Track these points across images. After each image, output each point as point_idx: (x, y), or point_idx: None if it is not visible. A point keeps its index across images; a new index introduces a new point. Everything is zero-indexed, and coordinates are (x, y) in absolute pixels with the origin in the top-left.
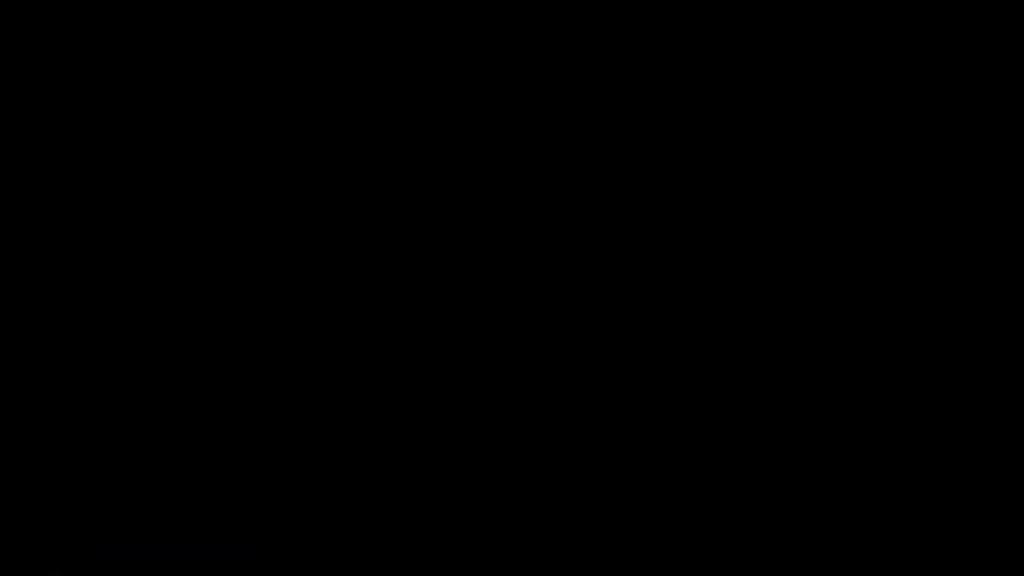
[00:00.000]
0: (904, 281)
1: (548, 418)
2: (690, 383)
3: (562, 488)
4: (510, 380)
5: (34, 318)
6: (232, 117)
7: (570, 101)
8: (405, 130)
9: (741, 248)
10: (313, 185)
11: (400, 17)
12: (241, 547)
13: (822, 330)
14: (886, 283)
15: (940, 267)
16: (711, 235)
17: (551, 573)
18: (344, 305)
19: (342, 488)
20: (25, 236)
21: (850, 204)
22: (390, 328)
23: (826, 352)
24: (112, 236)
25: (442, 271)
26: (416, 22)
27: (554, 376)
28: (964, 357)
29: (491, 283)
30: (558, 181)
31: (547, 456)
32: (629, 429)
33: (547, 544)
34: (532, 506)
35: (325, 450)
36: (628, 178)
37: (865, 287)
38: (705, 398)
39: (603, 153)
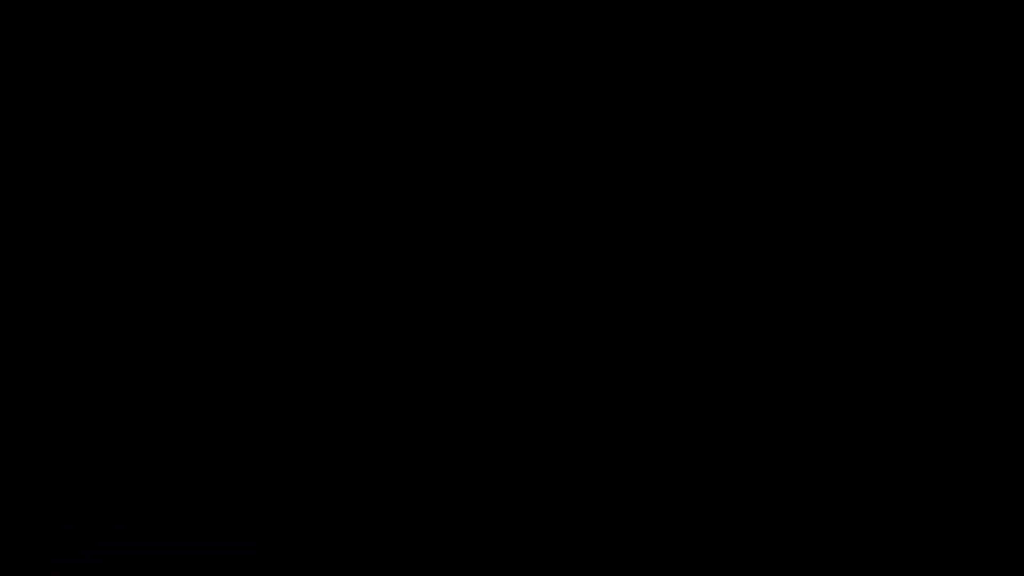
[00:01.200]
0: (904, 281)
1: (548, 418)
2: (690, 383)
3: (562, 488)
4: (510, 380)
5: (34, 318)
6: (232, 117)
7: (570, 101)
8: (405, 130)
9: (741, 248)
10: (313, 185)
11: (400, 17)
12: (241, 547)
13: (822, 330)
14: (886, 283)
15: (940, 267)
16: (711, 235)
17: (551, 573)
18: (344, 305)
19: (342, 488)
20: (25, 236)
21: (850, 204)
22: (390, 328)
23: (826, 352)
24: (112, 236)
25: (442, 271)
26: (416, 22)
27: (553, 376)
28: (964, 357)
29: (491, 283)
30: (558, 181)
31: (547, 456)
32: (629, 429)
33: (547, 544)
34: (532, 506)
35: (325, 450)
36: (628, 178)
37: (865, 287)
38: (705, 398)
39: (603, 153)
